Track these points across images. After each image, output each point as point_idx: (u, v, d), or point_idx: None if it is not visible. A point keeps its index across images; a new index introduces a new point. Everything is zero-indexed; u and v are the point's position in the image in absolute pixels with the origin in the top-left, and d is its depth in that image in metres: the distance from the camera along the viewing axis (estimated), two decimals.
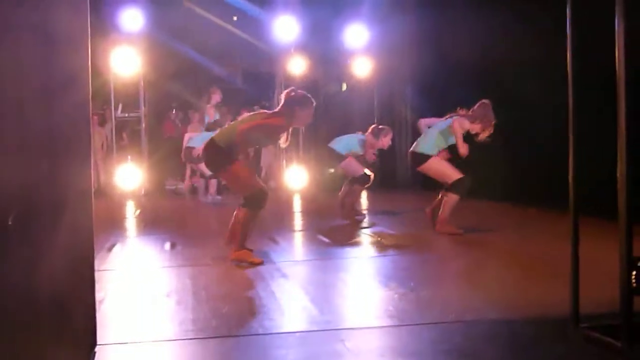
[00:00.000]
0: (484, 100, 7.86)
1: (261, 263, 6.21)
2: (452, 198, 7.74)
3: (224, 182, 13.06)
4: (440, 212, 7.81)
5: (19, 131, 3.00)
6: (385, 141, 9.68)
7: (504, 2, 10.20)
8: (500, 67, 10.12)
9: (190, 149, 11.89)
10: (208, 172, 11.89)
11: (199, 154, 11.56)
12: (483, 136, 7.81)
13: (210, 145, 6.30)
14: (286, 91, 6.46)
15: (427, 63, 13.16)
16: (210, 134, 11.71)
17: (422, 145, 7.97)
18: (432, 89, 12.68)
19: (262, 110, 6.76)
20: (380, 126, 9.97)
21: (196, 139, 11.97)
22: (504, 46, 10.08)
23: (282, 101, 6.37)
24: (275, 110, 6.47)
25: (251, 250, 6.36)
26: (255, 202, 6.25)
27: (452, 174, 7.78)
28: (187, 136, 12.45)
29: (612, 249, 3.42)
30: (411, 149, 8.18)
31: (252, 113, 6.77)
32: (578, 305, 3.84)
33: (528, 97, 9.48)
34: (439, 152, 7.89)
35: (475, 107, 7.86)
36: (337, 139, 9.82)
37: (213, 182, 12.07)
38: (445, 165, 7.88)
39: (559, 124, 4.39)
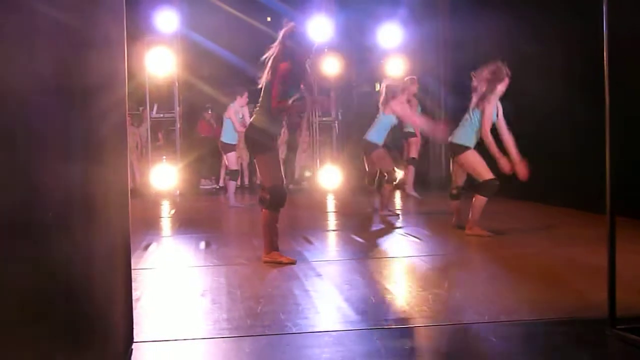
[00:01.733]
0: (496, 64, 7.73)
1: (293, 262, 6.23)
2: (480, 200, 7.66)
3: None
4: (469, 215, 7.75)
5: (57, 132, 3.04)
6: (412, 89, 9.72)
7: (537, 5, 10.14)
8: (531, 69, 10.08)
9: (222, 143, 11.83)
10: (233, 168, 11.91)
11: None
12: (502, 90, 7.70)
13: (249, 129, 6.41)
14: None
15: (461, 64, 13.10)
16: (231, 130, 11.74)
17: (460, 136, 7.85)
18: (466, 90, 12.61)
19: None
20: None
21: (226, 134, 11.92)
22: (536, 48, 10.04)
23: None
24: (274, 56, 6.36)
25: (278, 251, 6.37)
26: (274, 199, 6.26)
27: (485, 172, 7.67)
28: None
29: None
30: (449, 139, 8.04)
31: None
32: (615, 306, 3.81)
33: (557, 98, 9.44)
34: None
35: (487, 72, 7.73)
36: (370, 130, 9.83)
37: (232, 186, 11.99)
38: (481, 162, 7.72)
39: (585, 124, 4.35)
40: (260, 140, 6.28)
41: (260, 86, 6.36)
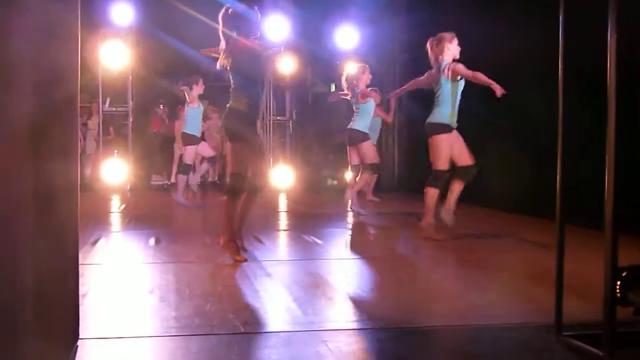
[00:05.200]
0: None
1: (244, 260, 6.19)
2: (432, 192, 7.41)
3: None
4: (424, 214, 7.62)
5: (4, 125, 2.98)
6: (365, 78, 9.97)
7: (497, 6, 10.15)
8: (494, 71, 10.06)
9: (186, 134, 11.50)
10: (187, 162, 11.60)
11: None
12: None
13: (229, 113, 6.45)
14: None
15: (417, 65, 13.13)
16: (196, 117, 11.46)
17: (436, 115, 7.53)
18: (422, 92, 12.63)
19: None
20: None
21: (190, 124, 11.57)
22: (496, 50, 10.04)
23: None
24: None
25: (237, 247, 6.33)
26: (233, 186, 6.30)
27: (444, 162, 7.38)
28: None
29: (599, 258, 3.42)
30: (427, 120, 7.60)
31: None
32: (561, 313, 3.84)
33: (524, 102, 9.44)
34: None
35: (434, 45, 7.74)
36: (354, 121, 9.87)
37: (182, 180, 11.59)
38: (447, 150, 7.37)
39: (550, 129, 4.35)
40: (238, 127, 6.30)
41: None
